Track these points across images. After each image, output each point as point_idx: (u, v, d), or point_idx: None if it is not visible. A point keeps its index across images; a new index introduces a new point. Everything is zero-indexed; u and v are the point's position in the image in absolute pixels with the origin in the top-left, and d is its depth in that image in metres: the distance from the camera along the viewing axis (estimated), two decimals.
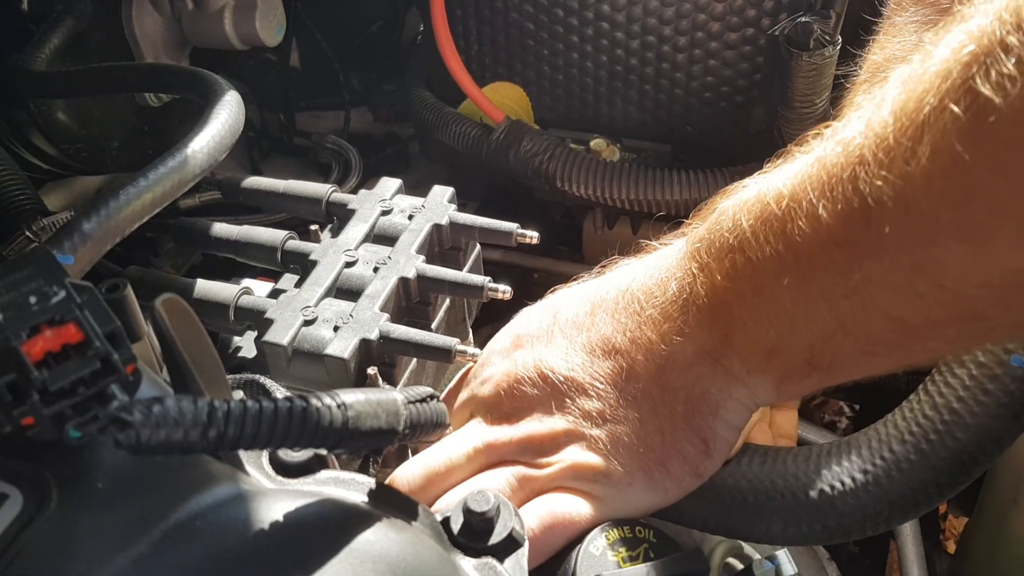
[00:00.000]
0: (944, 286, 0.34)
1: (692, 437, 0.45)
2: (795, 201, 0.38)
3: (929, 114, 0.32)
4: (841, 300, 0.38)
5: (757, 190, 0.41)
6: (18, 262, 0.33)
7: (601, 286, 0.51)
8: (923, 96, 0.32)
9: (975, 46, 0.30)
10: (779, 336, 0.41)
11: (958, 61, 0.31)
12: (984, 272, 0.33)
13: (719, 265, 0.42)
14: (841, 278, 0.37)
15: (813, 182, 0.37)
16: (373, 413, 0.37)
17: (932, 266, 0.34)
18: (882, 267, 0.35)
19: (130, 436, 0.29)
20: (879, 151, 0.34)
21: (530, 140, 0.94)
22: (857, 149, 0.35)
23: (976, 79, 0.30)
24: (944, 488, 0.44)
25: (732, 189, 0.44)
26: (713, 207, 0.45)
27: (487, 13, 0.98)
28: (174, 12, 0.94)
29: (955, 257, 0.33)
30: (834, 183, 0.36)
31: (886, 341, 0.39)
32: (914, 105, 0.33)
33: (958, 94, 0.31)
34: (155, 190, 0.57)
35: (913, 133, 0.33)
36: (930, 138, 0.32)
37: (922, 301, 0.35)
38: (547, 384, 0.48)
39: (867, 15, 0.70)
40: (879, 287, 0.36)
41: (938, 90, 0.32)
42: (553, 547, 0.45)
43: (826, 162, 0.37)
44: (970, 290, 0.34)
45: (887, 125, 0.34)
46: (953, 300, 0.35)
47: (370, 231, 0.66)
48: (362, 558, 0.34)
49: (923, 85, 0.33)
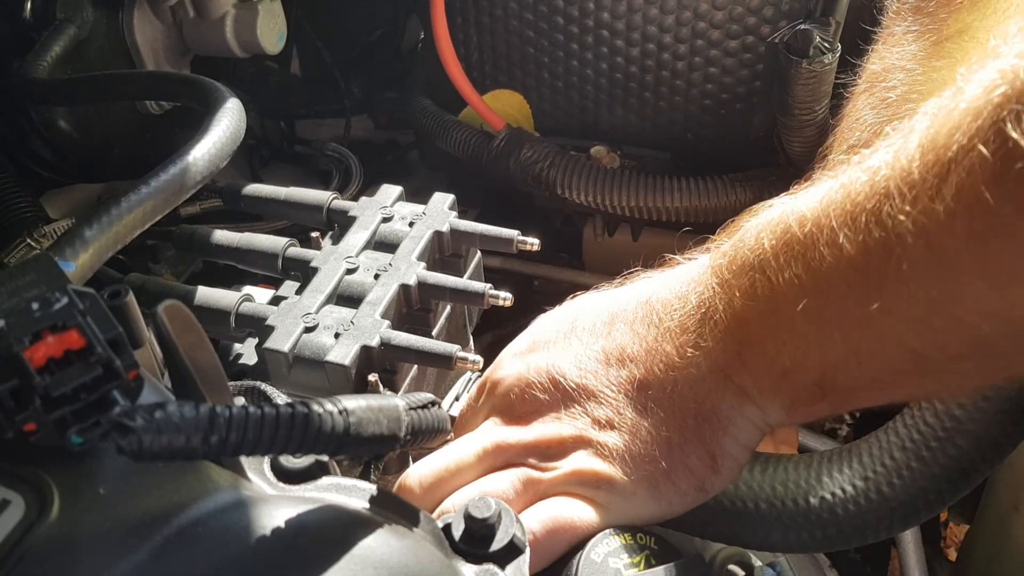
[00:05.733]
0: (962, 322, 0.34)
1: (700, 451, 0.45)
2: (818, 227, 0.38)
3: (957, 152, 0.32)
4: (857, 328, 0.38)
5: (781, 211, 0.41)
6: (20, 268, 0.33)
7: (621, 295, 0.51)
8: (952, 133, 0.32)
9: (1008, 87, 0.30)
10: (792, 359, 0.41)
11: (989, 101, 0.31)
12: (1003, 311, 0.33)
13: (738, 283, 0.42)
14: (858, 307, 0.37)
15: (837, 209, 0.37)
16: (375, 419, 0.37)
17: (950, 302, 0.34)
18: (900, 299, 0.35)
19: (132, 442, 0.29)
20: (904, 185, 0.34)
21: (530, 147, 0.94)
22: (883, 180, 0.35)
23: (1007, 123, 0.30)
24: (945, 495, 0.44)
25: (759, 208, 0.44)
26: (739, 224, 0.45)
27: (487, 21, 0.99)
28: (175, 20, 0.94)
29: (974, 295, 0.33)
30: (857, 213, 0.36)
31: (900, 372, 0.39)
32: (943, 141, 0.33)
33: (987, 135, 0.31)
34: (156, 197, 0.57)
35: (939, 171, 0.32)
36: (956, 177, 0.32)
37: (938, 335, 0.35)
38: (558, 389, 0.48)
39: (865, 25, 0.70)
40: (896, 318, 0.36)
41: (967, 129, 0.31)
42: (555, 552, 0.45)
43: (851, 190, 0.37)
44: (988, 327, 0.34)
45: (913, 160, 0.34)
46: (970, 336, 0.35)
47: (371, 238, 0.66)
48: (363, 564, 0.34)
49: (952, 122, 0.32)
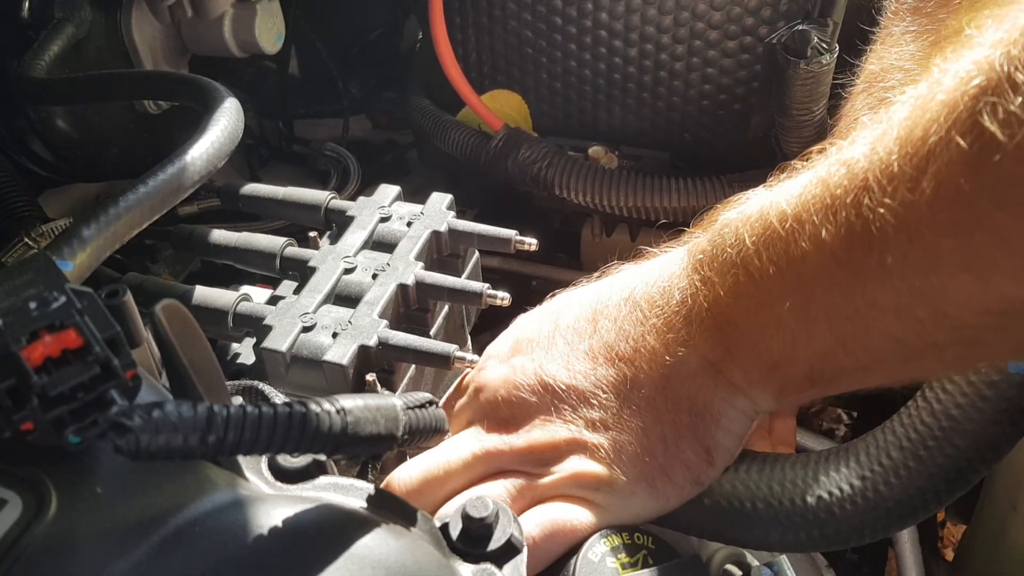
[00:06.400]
0: (945, 312, 0.34)
1: (695, 446, 0.45)
2: (798, 222, 0.38)
3: (935, 144, 0.32)
4: (843, 321, 0.38)
5: (760, 205, 0.41)
6: (18, 267, 0.33)
7: (602, 292, 0.50)
8: (929, 125, 0.32)
9: (983, 79, 0.30)
10: (781, 352, 0.41)
11: (965, 93, 0.31)
12: (985, 301, 0.33)
13: (721, 280, 0.42)
14: (843, 300, 0.37)
15: (816, 203, 0.37)
16: (372, 419, 0.37)
17: (933, 293, 0.34)
18: (884, 291, 0.35)
19: (130, 441, 0.29)
20: (883, 177, 0.34)
21: (528, 147, 0.94)
22: (862, 172, 0.35)
23: (983, 115, 0.30)
24: (942, 495, 0.44)
25: (734, 200, 0.44)
26: (715, 217, 0.45)
27: (486, 21, 0.99)
28: (173, 20, 0.94)
29: (956, 286, 0.33)
30: (837, 206, 0.36)
31: (886, 360, 0.39)
32: (920, 133, 0.33)
33: (964, 127, 0.31)
34: (154, 197, 0.57)
35: (918, 162, 0.32)
36: (935, 169, 0.32)
37: (922, 326, 0.35)
38: (548, 392, 0.48)
39: (863, 25, 0.70)
40: (880, 310, 0.36)
41: (944, 120, 0.31)
42: (553, 554, 0.45)
43: (830, 183, 0.37)
44: (970, 317, 0.34)
45: (892, 152, 0.34)
46: (953, 325, 0.35)
47: (369, 238, 0.66)
48: (361, 563, 0.34)
49: (930, 113, 0.32)
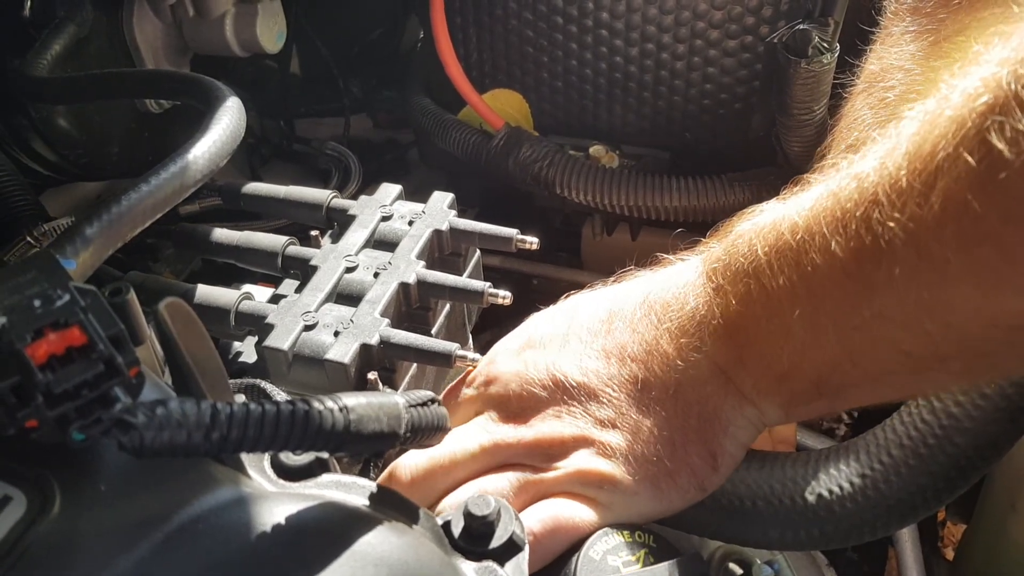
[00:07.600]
0: (952, 325, 0.35)
1: (702, 450, 0.46)
2: (809, 234, 0.38)
3: (943, 160, 0.32)
4: (851, 332, 0.38)
5: (773, 217, 0.42)
6: (21, 265, 0.33)
7: (618, 294, 0.51)
8: (938, 141, 0.33)
9: (990, 97, 0.31)
10: (790, 362, 0.42)
11: (973, 110, 0.31)
12: (991, 314, 0.34)
13: (734, 289, 0.43)
14: (852, 311, 0.38)
15: (827, 217, 0.38)
16: (375, 416, 0.37)
17: (941, 307, 0.34)
18: (892, 304, 0.36)
19: (133, 438, 0.29)
20: (892, 192, 0.34)
21: (529, 147, 0.94)
22: (872, 187, 0.36)
23: (991, 132, 0.30)
24: (942, 493, 0.44)
25: (749, 212, 0.45)
26: (729, 228, 0.46)
27: (487, 20, 0.99)
28: (175, 19, 0.94)
29: (964, 300, 0.34)
30: (848, 220, 0.36)
31: (893, 372, 0.39)
32: (929, 149, 0.33)
33: (972, 144, 0.31)
34: (156, 196, 0.57)
35: (926, 178, 0.33)
36: (943, 185, 0.32)
37: (929, 338, 0.36)
38: (559, 388, 0.48)
39: (864, 25, 0.70)
40: (889, 322, 0.37)
41: (953, 137, 0.32)
42: (554, 551, 0.45)
43: (840, 197, 0.37)
44: (977, 330, 0.34)
45: (901, 167, 0.34)
46: (960, 338, 0.35)
47: (370, 237, 0.66)
48: (363, 561, 0.34)
49: (938, 129, 0.33)
